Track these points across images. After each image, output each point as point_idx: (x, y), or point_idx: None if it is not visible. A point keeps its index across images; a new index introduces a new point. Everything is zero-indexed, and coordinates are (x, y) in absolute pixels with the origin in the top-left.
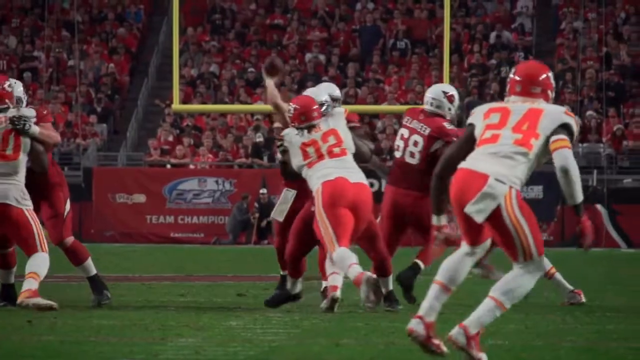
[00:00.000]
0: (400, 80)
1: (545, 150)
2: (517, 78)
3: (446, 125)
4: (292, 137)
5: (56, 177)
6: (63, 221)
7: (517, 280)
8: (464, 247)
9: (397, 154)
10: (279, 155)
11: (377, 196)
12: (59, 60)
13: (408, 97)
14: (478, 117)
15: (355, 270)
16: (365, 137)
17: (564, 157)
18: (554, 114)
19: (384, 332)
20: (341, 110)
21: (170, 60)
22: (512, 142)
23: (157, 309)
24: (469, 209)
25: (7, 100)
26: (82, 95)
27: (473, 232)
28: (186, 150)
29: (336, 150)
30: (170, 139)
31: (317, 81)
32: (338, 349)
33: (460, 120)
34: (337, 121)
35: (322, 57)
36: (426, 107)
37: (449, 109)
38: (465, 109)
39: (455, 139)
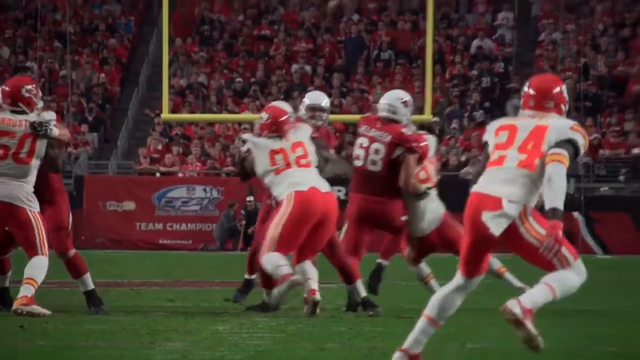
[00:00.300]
0: (384, 90)
1: None
2: (531, 92)
3: (405, 131)
4: (261, 141)
5: (58, 182)
6: (67, 233)
7: (562, 274)
8: (458, 278)
9: (358, 163)
10: (243, 148)
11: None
12: (51, 70)
13: None
14: (490, 134)
15: (285, 270)
16: (323, 148)
17: (556, 169)
18: (560, 129)
19: (367, 337)
20: (307, 126)
21: (159, 70)
22: (516, 164)
23: (146, 314)
24: (486, 216)
25: (21, 104)
26: (73, 104)
27: (475, 260)
28: (175, 158)
29: (303, 161)
30: (160, 147)
31: (303, 91)
32: (323, 353)
33: (442, 130)
34: (304, 134)
35: (308, 68)
36: (382, 113)
37: (404, 115)
38: (447, 119)
39: (415, 144)
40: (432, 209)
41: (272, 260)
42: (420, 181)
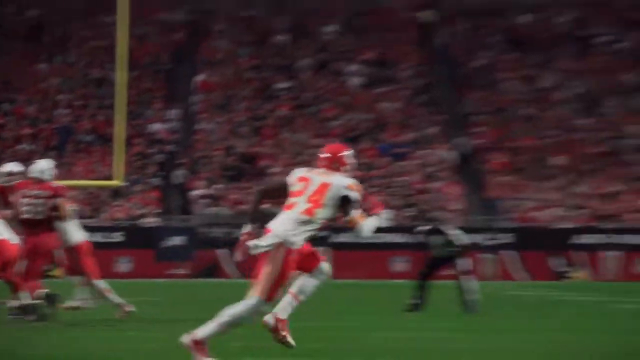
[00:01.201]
0: (88, 163)
1: (332, 214)
2: (324, 155)
3: (54, 184)
4: None
5: None
6: None
7: (235, 309)
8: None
9: (27, 216)
10: None
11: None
12: None
13: (93, 175)
14: (292, 179)
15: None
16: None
17: (359, 230)
18: (337, 188)
19: (129, 340)
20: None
21: None
22: (300, 211)
23: None
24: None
25: None
26: None
27: (303, 263)
28: None
29: None
30: None
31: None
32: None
33: (120, 191)
34: None
35: (32, 147)
36: (34, 175)
37: (49, 175)
38: (132, 184)
39: (62, 192)
40: (73, 228)
41: None
42: (66, 207)
